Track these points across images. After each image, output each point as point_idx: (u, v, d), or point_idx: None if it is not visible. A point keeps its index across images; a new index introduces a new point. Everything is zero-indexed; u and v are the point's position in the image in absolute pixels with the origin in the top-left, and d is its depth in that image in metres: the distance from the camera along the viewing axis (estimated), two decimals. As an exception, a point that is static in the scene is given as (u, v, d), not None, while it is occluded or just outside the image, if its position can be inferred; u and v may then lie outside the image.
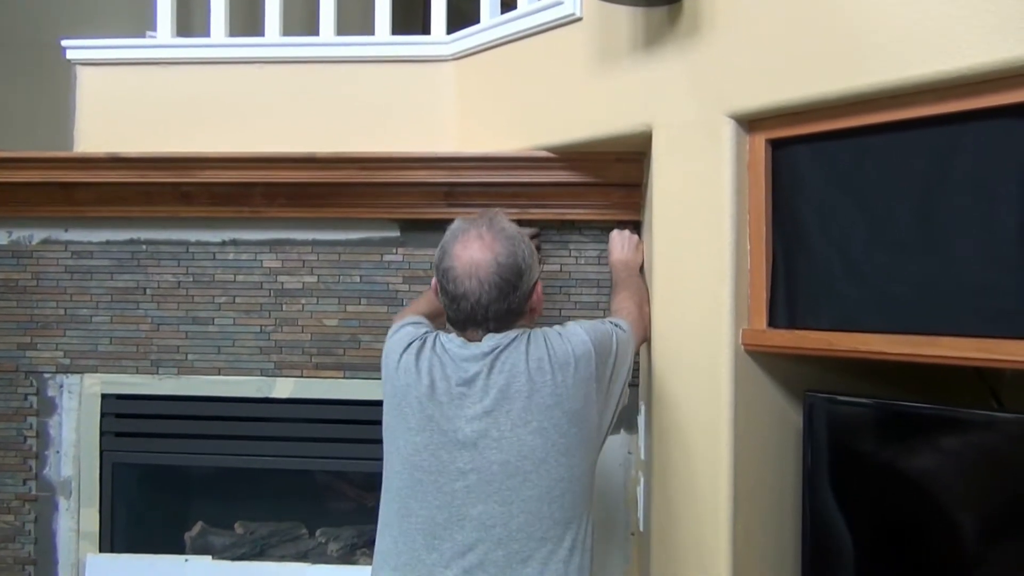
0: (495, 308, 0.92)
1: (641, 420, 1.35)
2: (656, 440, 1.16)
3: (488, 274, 0.91)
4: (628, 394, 1.03)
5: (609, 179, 1.30)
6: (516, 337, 0.93)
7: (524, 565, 0.86)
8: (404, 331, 1.00)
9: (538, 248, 1.34)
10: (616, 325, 1.02)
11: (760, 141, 1.02)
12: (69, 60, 1.49)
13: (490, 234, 0.92)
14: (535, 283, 0.97)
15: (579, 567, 0.90)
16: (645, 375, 1.27)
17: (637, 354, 1.24)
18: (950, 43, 0.80)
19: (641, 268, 1.29)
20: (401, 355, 0.96)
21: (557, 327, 0.98)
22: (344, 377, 1.44)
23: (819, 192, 0.98)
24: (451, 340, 0.95)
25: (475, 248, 0.91)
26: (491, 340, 0.93)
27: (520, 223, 0.99)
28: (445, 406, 0.91)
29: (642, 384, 1.33)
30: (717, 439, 1.02)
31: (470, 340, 0.94)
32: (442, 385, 0.92)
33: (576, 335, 0.95)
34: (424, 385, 0.92)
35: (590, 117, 1.20)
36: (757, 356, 1.04)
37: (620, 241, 1.30)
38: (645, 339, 1.15)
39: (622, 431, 1.39)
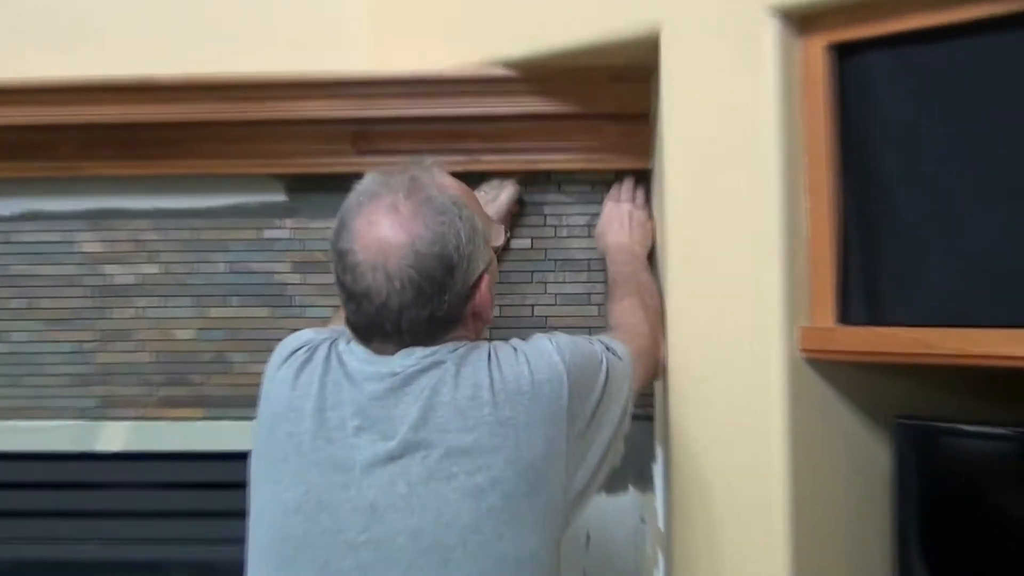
0: (411, 316, 0.92)
1: (657, 471, 1.34)
2: (679, 500, 1.15)
3: (400, 266, 0.90)
4: (621, 450, 1.03)
5: (600, 108, 1.30)
6: (448, 352, 0.93)
7: None
8: (295, 337, 1.01)
9: (515, 214, 1.38)
10: (608, 348, 1.03)
11: (818, 48, 1.02)
12: None
13: (410, 203, 0.92)
14: (479, 277, 0.97)
15: None
16: (661, 404, 1.26)
17: (651, 385, 1.28)
18: None
19: (652, 256, 1.29)
20: (278, 370, 0.97)
21: (515, 340, 0.98)
22: (206, 417, 1.43)
23: (909, 123, 0.99)
24: (353, 351, 0.96)
25: (385, 225, 0.91)
26: (407, 354, 0.93)
27: (478, 177, 0.92)
28: (333, 447, 0.91)
29: (657, 417, 1.32)
30: (768, 494, 1.02)
31: (379, 352, 0.95)
32: (332, 416, 0.92)
33: (541, 353, 0.95)
34: (305, 414, 0.93)
35: (569, 15, 1.20)
36: (822, 366, 1.04)
37: (619, 215, 1.31)
38: (657, 373, 1.17)
39: (630, 488, 1.38)
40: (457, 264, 0.93)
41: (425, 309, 0.92)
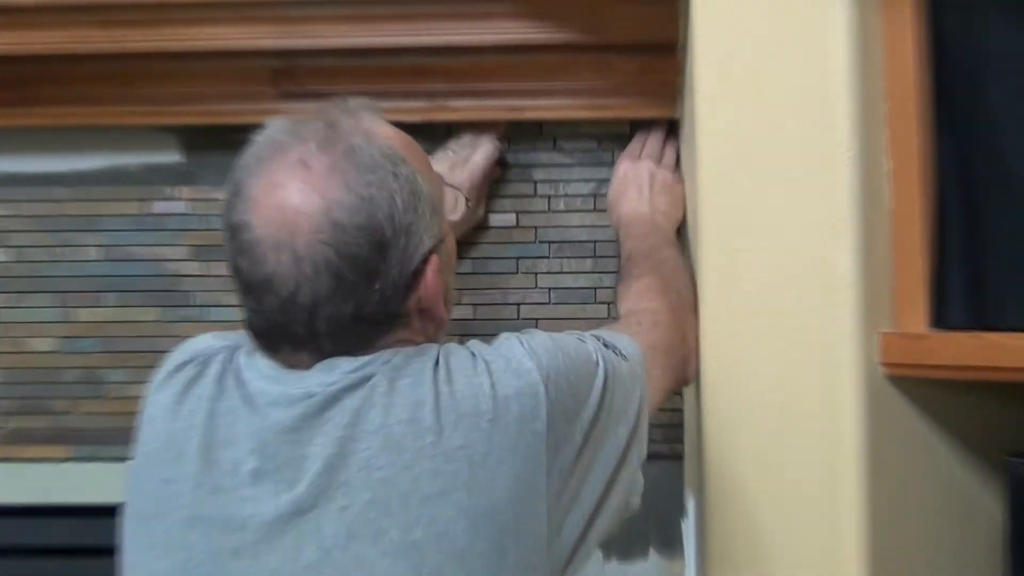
0: (328, 314, 0.88)
1: (688, 529, 1.32)
2: (718, 569, 1.10)
3: (311, 243, 0.86)
4: (639, 486, 1.00)
5: (611, 37, 1.25)
6: (381, 363, 0.90)
7: None
8: (187, 346, 1.00)
9: (495, 181, 1.38)
10: (607, 345, 1.00)
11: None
12: None
13: (326, 157, 0.88)
14: (425, 259, 0.93)
15: None
16: (693, 439, 1.23)
17: (678, 394, 1.27)
18: None
19: (680, 231, 1.28)
20: (156, 393, 0.95)
21: (475, 343, 0.94)
22: (72, 458, 1.40)
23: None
24: (256, 365, 0.93)
25: (291, 187, 0.88)
26: (328, 368, 0.89)
27: (444, 129, 1.02)
28: (222, 499, 0.88)
29: (688, 457, 1.30)
30: (837, 559, 1.01)
31: (291, 366, 0.91)
32: (224, 456, 0.88)
33: (508, 359, 0.91)
34: (187, 455, 0.90)
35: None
36: (910, 385, 1.03)
37: (636, 177, 1.32)
38: (686, 378, 1.15)
39: (651, 552, 1.37)
40: (391, 240, 0.89)
41: (348, 303, 0.88)
